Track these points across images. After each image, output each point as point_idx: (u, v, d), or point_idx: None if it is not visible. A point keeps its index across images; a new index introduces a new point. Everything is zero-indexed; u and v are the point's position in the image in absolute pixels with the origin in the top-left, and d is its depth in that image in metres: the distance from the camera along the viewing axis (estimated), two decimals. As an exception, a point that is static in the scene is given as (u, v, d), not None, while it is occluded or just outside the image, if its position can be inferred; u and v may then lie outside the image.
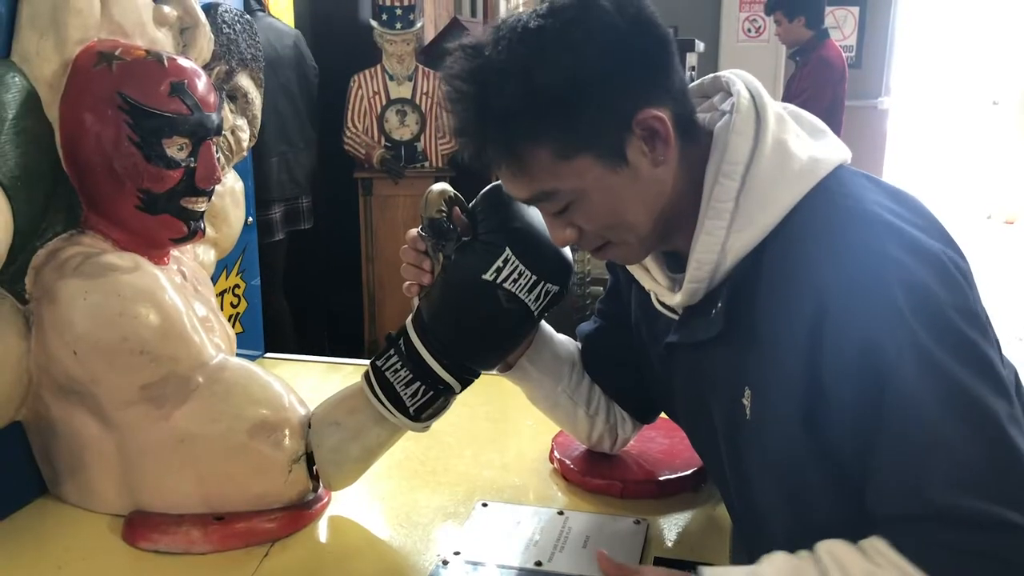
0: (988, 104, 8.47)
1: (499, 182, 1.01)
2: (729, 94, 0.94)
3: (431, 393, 1.05)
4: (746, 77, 0.94)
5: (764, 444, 0.89)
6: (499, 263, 1.00)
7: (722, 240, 0.89)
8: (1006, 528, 0.72)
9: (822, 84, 4.06)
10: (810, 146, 0.91)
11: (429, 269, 1.05)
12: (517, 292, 1.00)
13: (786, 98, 4.33)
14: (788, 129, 0.91)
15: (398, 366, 1.05)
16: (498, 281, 1.00)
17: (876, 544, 0.77)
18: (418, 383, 1.05)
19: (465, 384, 1.07)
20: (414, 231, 1.07)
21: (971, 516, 0.72)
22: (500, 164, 0.90)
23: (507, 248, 1.00)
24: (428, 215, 1.04)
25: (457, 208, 1.04)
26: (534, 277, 1.01)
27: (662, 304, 1.02)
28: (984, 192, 8.26)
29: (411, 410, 1.06)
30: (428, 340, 1.04)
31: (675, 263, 0.99)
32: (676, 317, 1.00)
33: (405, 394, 1.05)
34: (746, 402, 0.90)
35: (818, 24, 4.11)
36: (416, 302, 1.07)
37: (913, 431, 0.76)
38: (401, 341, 1.06)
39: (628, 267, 1.06)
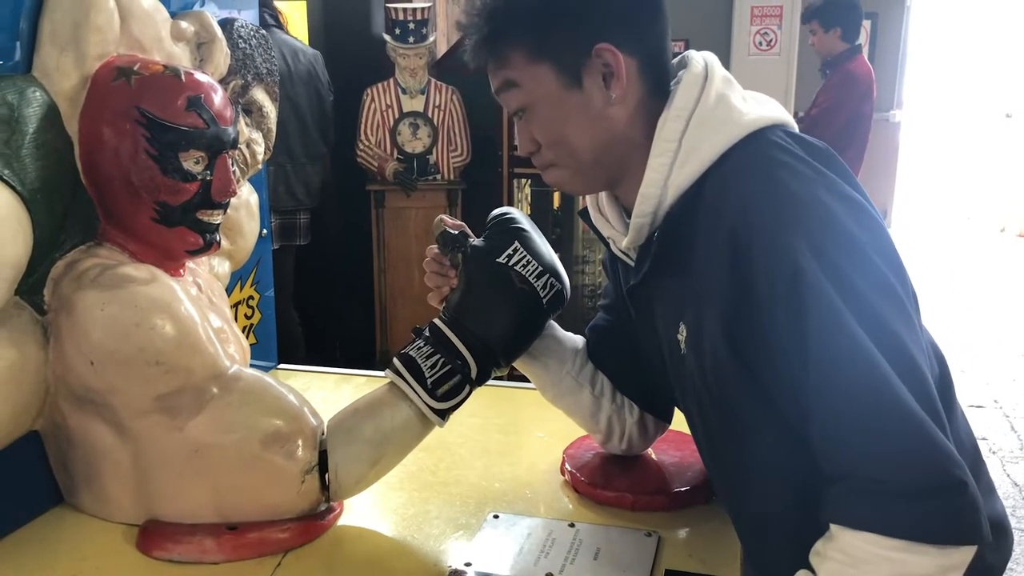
0: (1001, 117, 8.45)
1: (506, 208, 1.17)
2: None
3: (449, 367, 1.10)
4: (707, 55, 1.03)
5: (699, 377, 0.96)
6: (509, 251, 1.12)
7: (665, 176, 0.97)
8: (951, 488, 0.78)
9: (843, 98, 4.05)
10: (753, 107, 0.99)
11: (451, 273, 1.15)
12: (528, 276, 1.11)
13: (810, 109, 4.30)
14: (732, 87, 1.00)
15: (421, 344, 1.13)
16: (510, 264, 1.11)
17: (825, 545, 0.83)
18: (437, 356, 1.11)
19: (481, 371, 1.11)
20: (434, 247, 1.18)
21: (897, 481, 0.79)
22: (488, 61, 1.02)
23: (516, 241, 1.13)
24: (436, 234, 1.17)
25: (454, 220, 1.18)
26: (540, 267, 1.13)
27: (622, 252, 1.09)
28: (997, 205, 8.23)
29: (428, 381, 1.10)
30: (451, 324, 1.12)
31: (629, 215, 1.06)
32: (630, 261, 1.08)
33: (425, 366, 1.11)
34: (680, 337, 0.98)
35: (853, 37, 4.11)
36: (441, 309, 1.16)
37: (841, 369, 0.81)
38: (427, 328, 1.14)
39: (593, 220, 1.13)
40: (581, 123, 1.00)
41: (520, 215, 1.18)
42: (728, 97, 0.98)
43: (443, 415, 1.12)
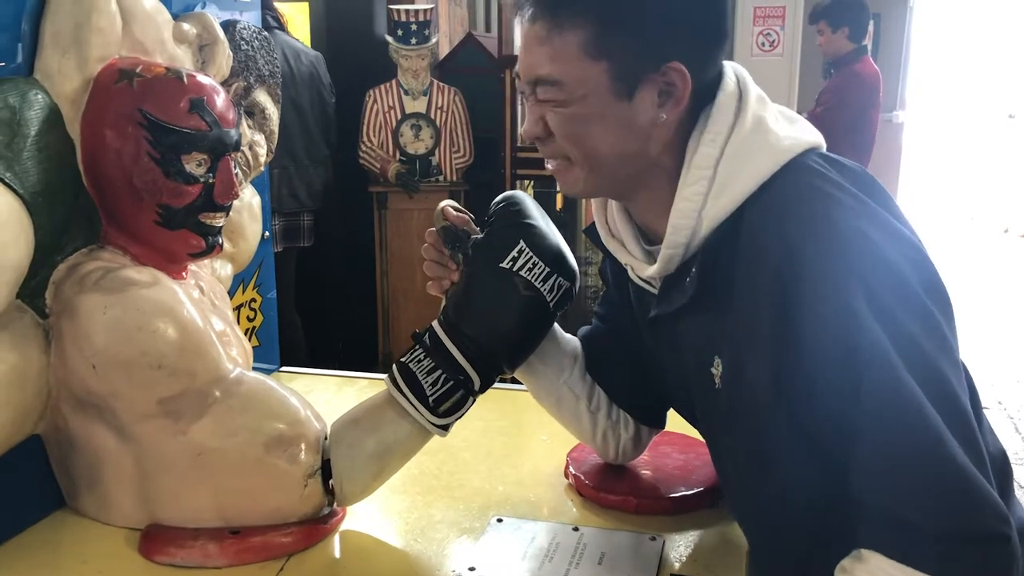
0: (1004, 117, 8.44)
1: (510, 192, 1.10)
2: None
3: (451, 383, 1.07)
4: (736, 67, 0.97)
5: (734, 412, 0.92)
6: (514, 252, 1.05)
7: (699, 206, 0.91)
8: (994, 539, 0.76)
9: (846, 98, 4.03)
10: (787, 129, 0.94)
11: (452, 266, 1.10)
12: (533, 280, 1.05)
13: (815, 108, 4.29)
14: (768, 109, 0.95)
15: (421, 356, 1.08)
16: (515, 269, 1.05)
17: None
18: (439, 372, 1.07)
19: (484, 382, 1.09)
20: (434, 230, 1.11)
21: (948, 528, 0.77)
22: (536, 19, 0.92)
23: (521, 240, 1.06)
24: (439, 227, 1.10)
25: (457, 213, 1.11)
26: (547, 268, 1.06)
27: (642, 279, 1.05)
28: (1000, 205, 8.22)
29: (431, 400, 1.07)
30: (452, 332, 1.07)
31: (647, 239, 1.03)
32: (652, 290, 1.03)
33: (426, 383, 1.07)
34: (715, 371, 0.94)
35: (860, 38, 4.10)
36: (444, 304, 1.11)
37: (887, 396, 0.79)
38: (426, 336, 1.09)
39: (605, 243, 1.07)
40: (615, 133, 0.92)
41: (525, 200, 1.11)
42: (765, 120, 0.93)
43: (446, 428, 1.11)
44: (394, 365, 1.11)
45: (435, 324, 1.09)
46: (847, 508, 0.83)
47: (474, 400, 1.11)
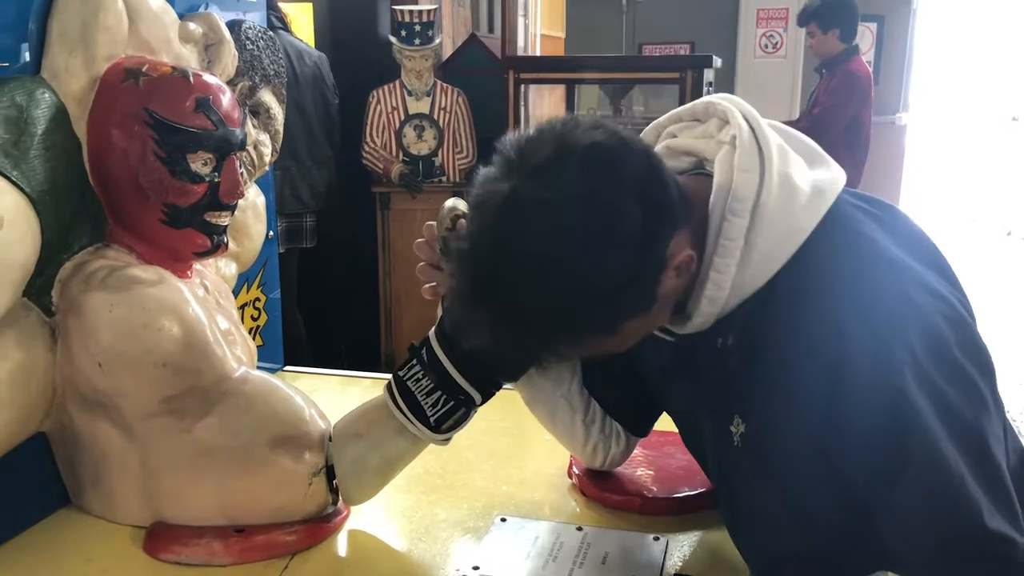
0: (1007, 120, 8.43)
1: None
2: (724, 122, 0.94)
3: (452, 403, 1.05)
4: (741, 105, 0.93)
5: (755, 470, 0.91)
6: None
7: (731, 277, 0.88)
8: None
9: (845, 99, 4.04)
10: (810, 176, 0.90)
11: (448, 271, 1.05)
12: None
13: (806, 110, 4.30)
14: (790, 161, 0.90)
15: (419, 375, 1.05)
16: None
17: None
18: (439, 393, 1.04)
19: (486, 396, 1.07)
20: (431, 224, 1.06)
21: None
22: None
23: None
24: (440, 234, 1.04)
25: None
26: None
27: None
28: (1003, 208, 8.21)
29: (431, 420, 1.06)
30: (450, 350, 1.03)
31: None
32: (668, 338, 0.99)
33: (426, 404, 1.05)
34: (734, 430, 0.91)
35: (850, 38, 4.10)
36: (440, 311, 1.07)
37: (932, 475, 0.80)
38: (424, 351, 1.05)
39: None
40: (666, 309, 0.91)
41: None
42: (791, 177, 0.88)
43: (449, 438, 1.10)
44: (392, 381, 1.08)
45: (432, 338, 1.05)
46: (864, 543, 0.84)
47: (476, 411, 1.09)
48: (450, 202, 1.05)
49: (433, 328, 1.06)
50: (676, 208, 0.84)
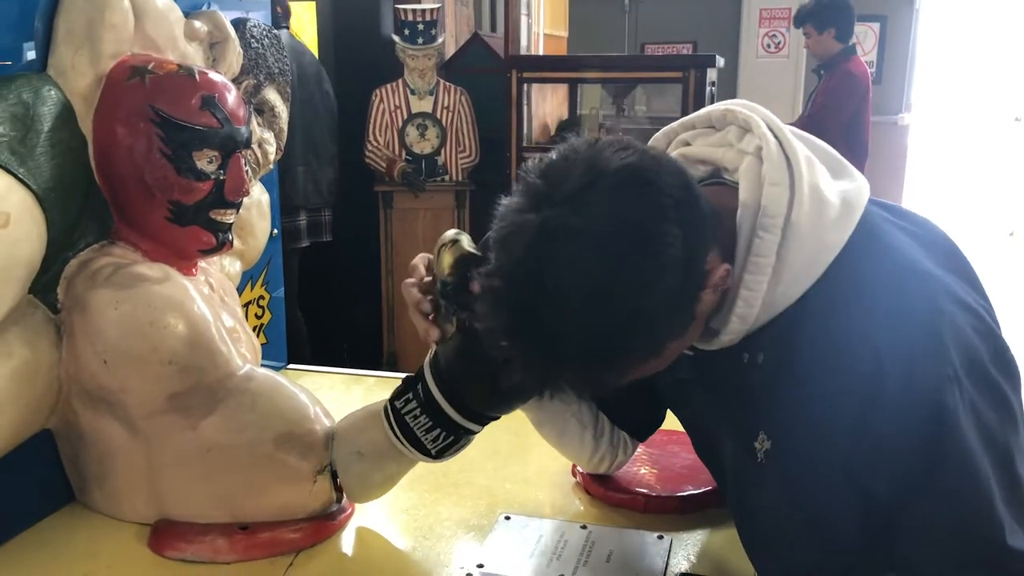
0: (1010, 120, 8.42)
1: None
2: (743, 129, 0.91)
3: (452, 438, 1.04)
4: (764, 114, 0.90)
5: (781, 485, 0.89)
6: None
7: (762, 295, 0.85)
8: None
9: (844, 99, 4.04)
10: (837, 187, 0.88)
11: (439, 326, 1.00)
12: None
13: (806, 110, 4.30)
14: (817, 173, 0.88)
15: (417, 412, 1.03)
16: None
17: None
18: (438, 430, 1.03)
19: (485, 424, 1.05)
20: (417, 282, 1.01)
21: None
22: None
23: None
24: (441, 277, 0.97)
25: (472, 273, 0.93)
26: None
27: None
28: (1006, 209, 8.20)
29: (432, 452, 1.05)
30: (447, 390, 1.00)
31: None
32: (688, 352, 0.96)
33: (426, 440, 1.04)
34: (758, 446, 0.90)
35: (847, 38, 4.10)
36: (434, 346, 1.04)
37: (965, 489, 0.80)
38: (419, 387, 1.03)
39: None
40: (700, 326, 0.89)
41: None
42: (820, 190, 0.86)
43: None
44: (391, 415, 1.05)
45: (428, 377, 1.01)
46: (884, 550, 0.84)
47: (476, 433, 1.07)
48: (451, 236, 0.97)
49: (427, 360, 1.03)
50: (709, 223, 0.82)
